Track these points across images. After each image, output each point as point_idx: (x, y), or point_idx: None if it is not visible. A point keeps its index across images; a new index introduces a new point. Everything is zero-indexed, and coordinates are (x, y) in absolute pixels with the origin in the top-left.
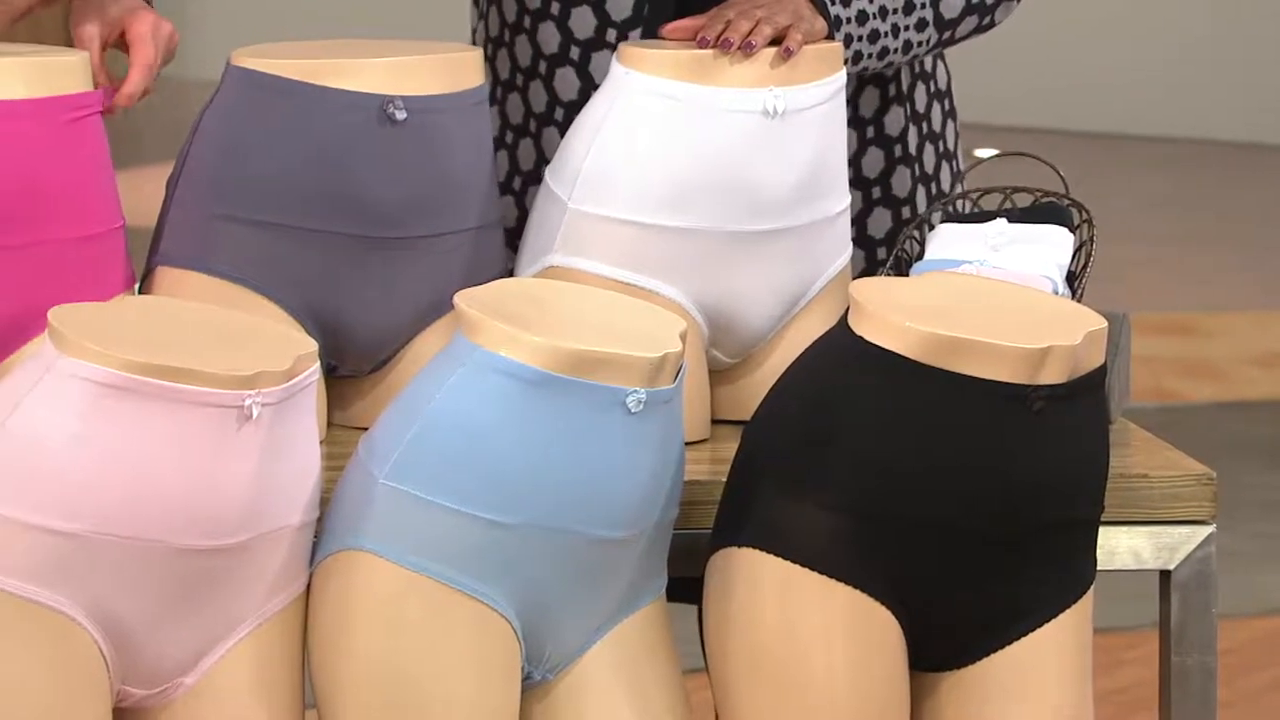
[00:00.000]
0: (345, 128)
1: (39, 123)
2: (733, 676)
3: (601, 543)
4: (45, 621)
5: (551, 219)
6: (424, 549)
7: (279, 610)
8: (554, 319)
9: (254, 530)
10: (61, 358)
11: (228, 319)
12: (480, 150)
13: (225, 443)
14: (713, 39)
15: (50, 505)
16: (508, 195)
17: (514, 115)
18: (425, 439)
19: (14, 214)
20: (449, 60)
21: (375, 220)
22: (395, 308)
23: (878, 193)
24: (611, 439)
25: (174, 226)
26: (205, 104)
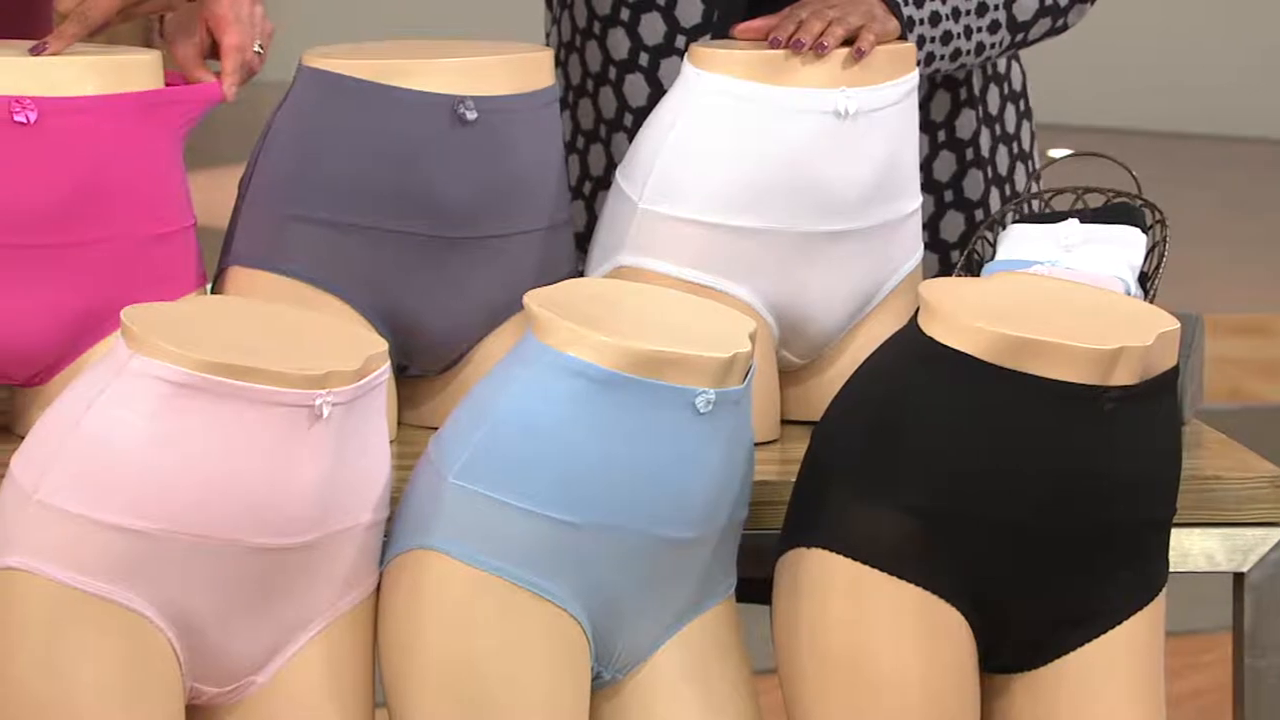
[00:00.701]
0: (416, 128)
1: (110, 120)
2: (803, 677)
3: (670, 543)
4: (119, 619)
5: (622, 219)
6: (494, 549)
7: (350, 609)
8: (623, 319)
9: (324, 529)
10: (134, 357)
11: (299, 318)
12: (551, 150)
13: (296, 442)
14: (784, 39)
15: (123, 504)
16: (578, 200)
17: (585, 120)
18: (495, 439)
19: (85, 211)
20: (520, 60)
21: (446, 220)
22: (465, 307)
23: (950, 196)
24: (680, 439)
25: (246, 226)
26: (277, 104)
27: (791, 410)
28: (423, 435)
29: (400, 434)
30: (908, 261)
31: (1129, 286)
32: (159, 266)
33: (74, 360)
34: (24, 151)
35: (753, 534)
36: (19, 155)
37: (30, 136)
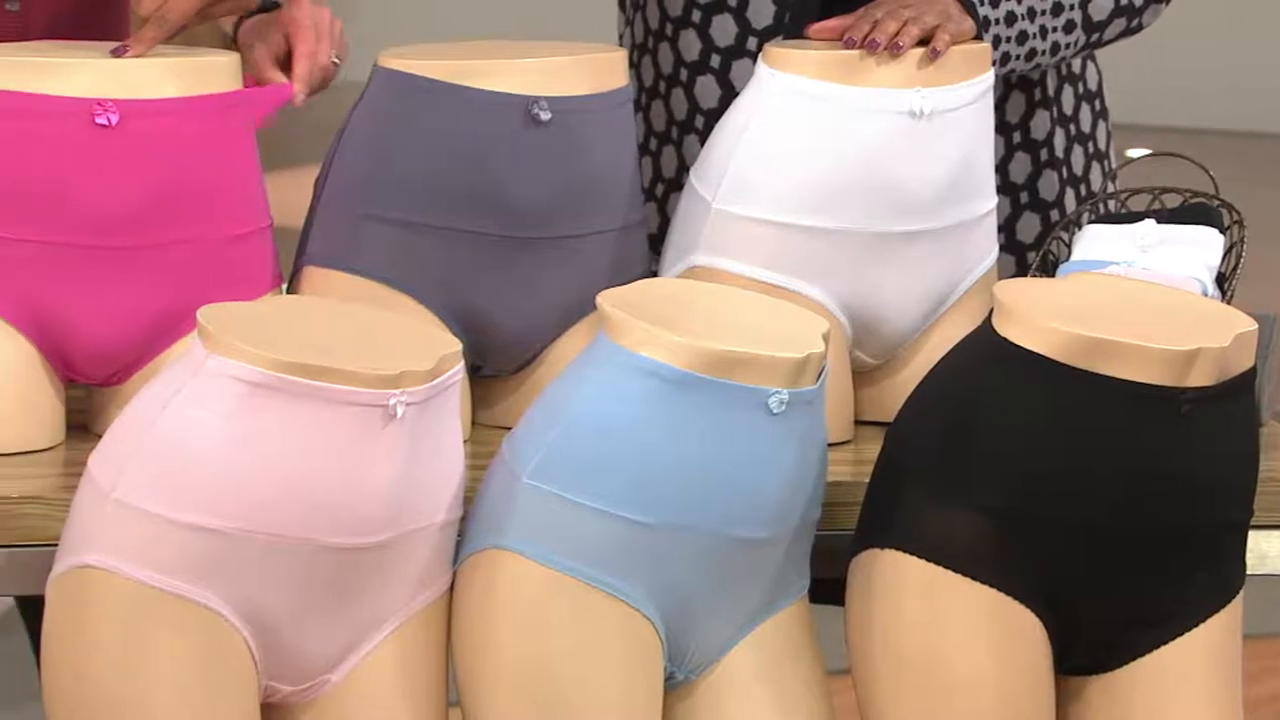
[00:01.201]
0: (490, 128)
1: (189, 121)
2: (876, 679)
3: (743, 543)
4: (195, 617)
5: (695, 219)
6: (567, 548)
7: (423, 608)
8: (697, 319)
9: (398, 528)
10: (211, 356)
11: (373, 318)
12: (624, 150)
13: (370, 441)
14: (859, 39)
15: (199, 503)
16: (650, 201)
17: (657, 122)
18: (568, 439)
19: (164, 212)
20: (594, 61)
21: (520, 220)
22: (539, 307)
23: (1025, 197)
24: (753, 439)
25: (321, 226)
26: (353, 105)
27: (865, 411)
28: (496, 435)
29: (474, 434)
30: (983, 262)
31: (1206, 287)
32: (236, 267)
33: (152, 360)
34: (105, 153)
35: (826, 534)
36: (100, 157)
37: (111, 138)
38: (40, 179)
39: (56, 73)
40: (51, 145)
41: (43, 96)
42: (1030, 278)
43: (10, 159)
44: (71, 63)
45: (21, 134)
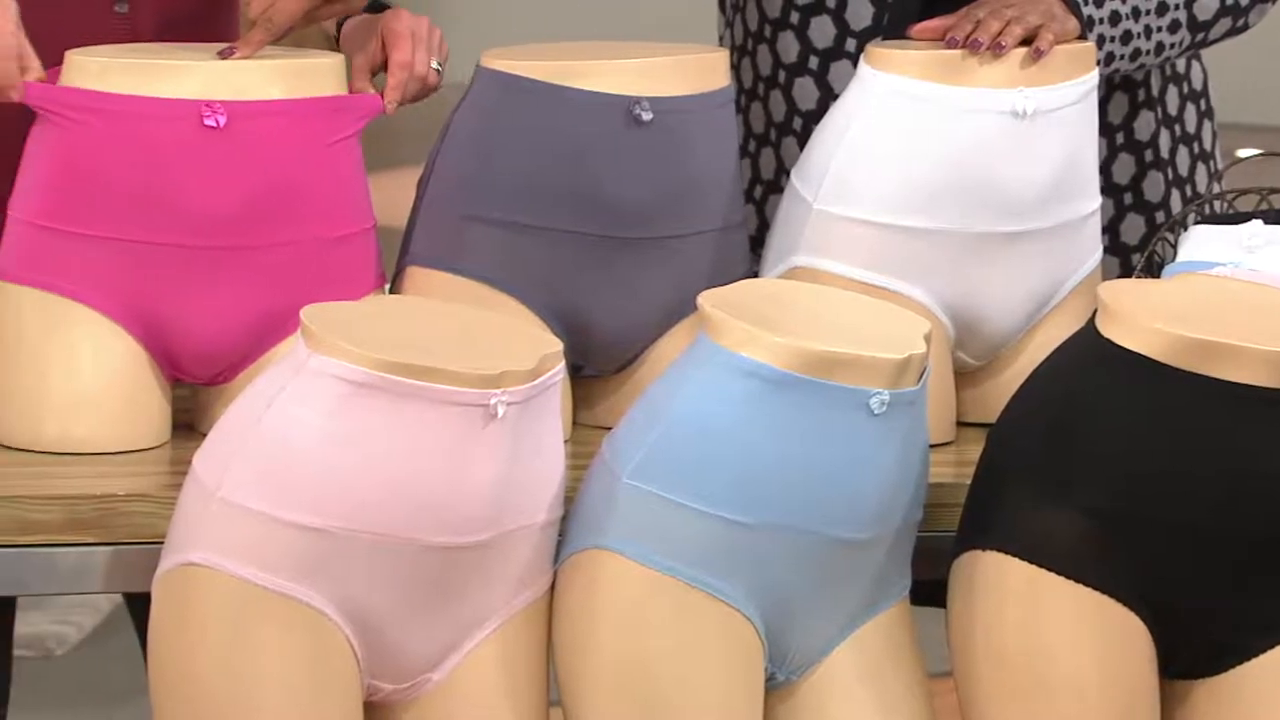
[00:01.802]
0: (592, 128)
1: (294, 123)
2: (978, 681)
3: (844, 544)
4: (300, 616)
5: (796, 219)
6: (668, 549)
7: (524, 607)
8: (798, 319)
9: (499, 528)
10: (313, 356)
11: (475, 318)
12: (725, 151)
13: (471, 441)
14: (962, 39)
15: (302, 502)
16: (749, 203)
17: (755, 124)
18: (668, 439)
19: (270, 213)
20: (695, 61)
21: (621, 221)
22: (640, 308)
23: (1130, 199)
24: (854, 440)
25: (424, 227)
26: (455, 106)
27: (967, 412)
28: (597, 435)
29: (575, 434)
30: (1087, 262)
31: None
32: (339, 267)
33: (256, 360)
34: (213, 155)
35: (928, 535)
36: (208, 158)
37: (219, 140)
38: (149, 180)
39: (165, 75)
40: (161, 147)
41: (152, 99)
42: (1135, 279)
43: (119, 160)
44: (180, 64)
45: (131, 135)
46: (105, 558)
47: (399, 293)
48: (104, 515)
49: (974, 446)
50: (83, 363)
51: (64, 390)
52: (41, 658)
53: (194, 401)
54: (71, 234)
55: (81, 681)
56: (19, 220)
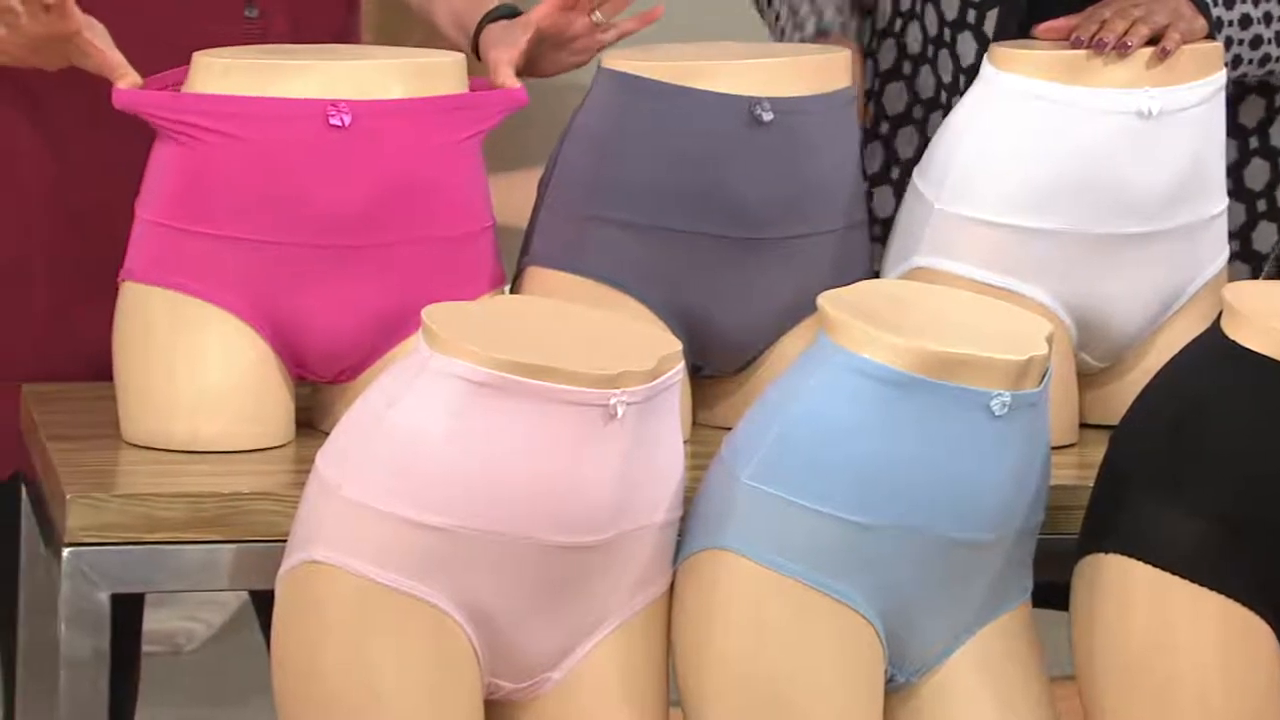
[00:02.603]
0: (713, 129)
1: (417, 122)
2: (1102, 686)
3: (964, 545)
4: (421, 615)
5: (918, 220)
6: (786, 549)
7: (644, 608)
8: (918, 320)
9: (618, 527)
10: (435, 356)
11: (595, 318)
12: (847, 151)
13: (590, 441)
14: (1087, 39)
15: (423, 501)
16: (885, 185)
17: (892, 105)
18: (788, 440)
19: (392, 212)
20: (816, 62)
21: (742, 221)
22: (760, 308)
23: (1263, 205)
24: (975, 442)
25: (545, 227)
26: (577, 107)
27: (1090, 413)
28: (717, 436)
29: (694, 434)
30: (1212, 264)
31: None
32: (459, 266)
33: (379, 359)
34: (338, 154)
35: (1050, 538)
36: (333, 158)
37: (344, 139)
38: (275, 180)
39: (288, 74)
40: (287, 147)
41: (278, 99)
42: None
43: (246, 160)
44: (302, 64)
45: (258, 136)
46: (230, 555)
47: (519, 293)
48: (229, 513)
49: (1097, 449)
50: (211, 362)
51: (192, 390)
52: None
53: (315, 400)
54: (198, 234)
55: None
56: (147, 221)
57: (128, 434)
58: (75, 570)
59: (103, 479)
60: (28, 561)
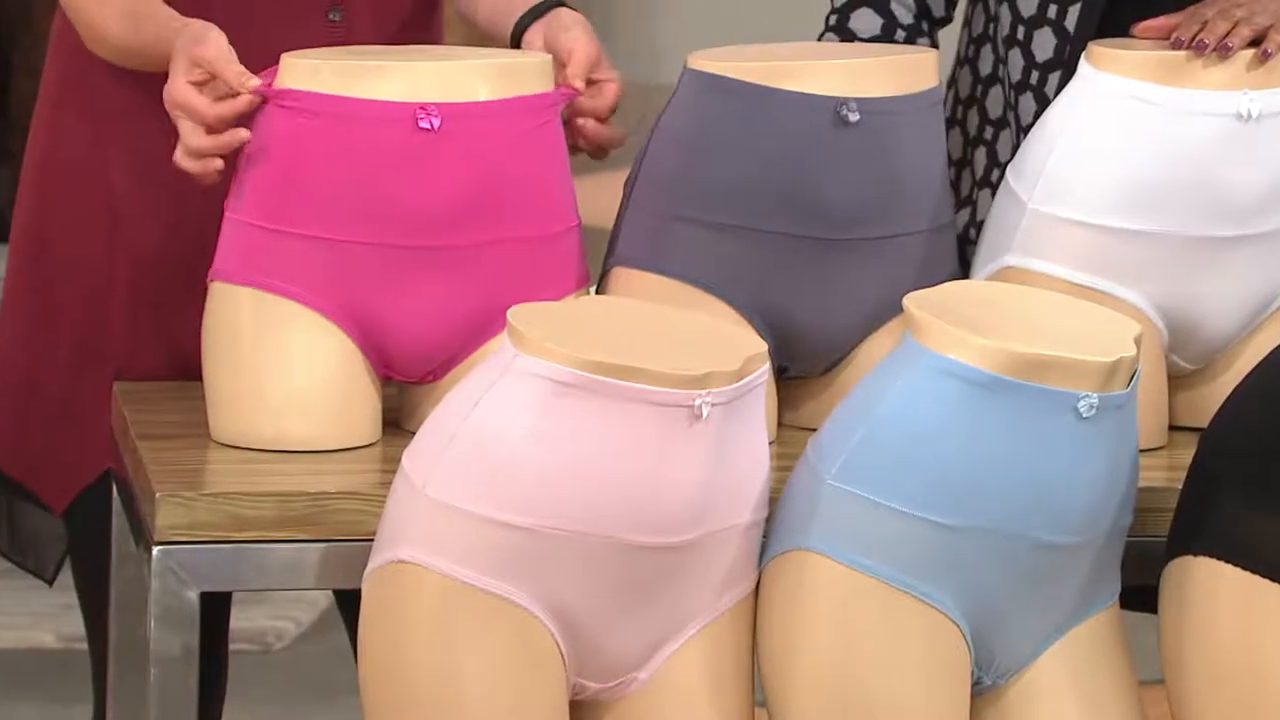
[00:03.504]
0: (799, 129)
1: (505, 123)
2: (1191, 691)
3: (1051, 548)
4: (507, 615)
5: (1010, 219)
6: (872, 551)
7: (729, 608)
8: (1005, 321)
9: (703, 528)
10: (520, 356)
11: (680, 319)
12: (933, 152)
13: (675, 441)
14: (1187, 39)
15: (508, 500)
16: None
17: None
18: (873, 441)
19: (480, 213)
20: (903, 62)
21: (828, 222)
22: (846, 309)
23: None
24: (1062, 443)
25: (630, 228)
26: (662, 107)
27: (1180, 416)
28: (802, 437)
29: (780, 435)
30: None
31: None
32: (545, 266)
33: (465, 359)
34: (426, 156)
35: (1138, 540)
36: (421, 159)
37: (432, 141)
38: (363, 181)
39: (376, 76)
40: (375, 148)
41: (368, 101)
42: None
43: (335, 161)
44: (389, 65)
45: (346, 137)
46: (317, 554)
47: (605, 293)
48: (316, 512)
49: (1186, 451)
50: (298, 362)
51: (280, 389)
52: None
53: (402, 400)
54: (287, 234)
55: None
56: (236, 221)
57: (216, 433)
58: (164, 568)
59: (192, 478)
60: (118, 559)
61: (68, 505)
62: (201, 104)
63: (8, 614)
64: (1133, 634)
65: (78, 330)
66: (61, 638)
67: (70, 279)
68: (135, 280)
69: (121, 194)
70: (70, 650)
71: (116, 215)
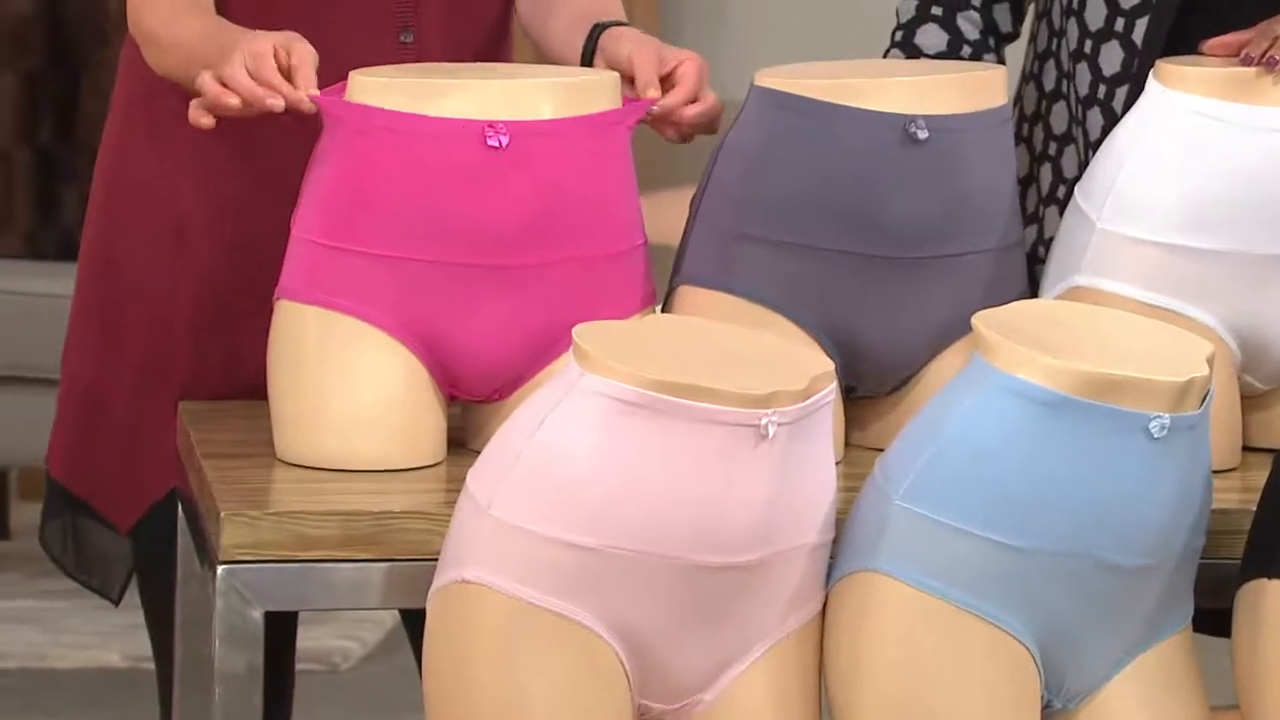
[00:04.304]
0: (867, 147)
1: (573, 141)
2: (1264, 716)
3: (1120, 570)
4: (573, 635)
5: (1079, 238)
6: (940, 572)
7: (796, 630)
8: (1074, 341)
9: (769, 549)
10: (585, 375)
11: (746, 338)
12: (1002, 170)
13: (741, 461)
14: (1257, 56)
15: (573, 520)
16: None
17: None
18: (941, 461)
19: (547, 232)
20: (971, 79)
21: (896, 240)
22: (914, 328)
23: None
24: (1133, 465)
25: (697, 246)
26: (729, 124)
27: (1254, 436)
28: (870, 457)
29: (847, 455)
30: None
31: None
32: (611, 285)
33: (531, 378)
34: (494, 174)
35: (1211, 563)
36: (489, 178)
37: (500, 159)
38: (431, 199)
39: (444, 93)
40: (443, 166)
41: (436, 119)
42: None
43: (402, 179)
44: (458, 83)
45: (415, 154)
46: (382, 574)
47: (671, 312)
48: (381, 532)
49: (1260, 472)
50: (364, 380)
51: (345, 407)
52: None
53: (466, 419)
54: (353, 252)
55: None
56: (302, 239)
57: (281, 452)
58: (229, 587)
59: (256, 497)
60: (183, 578)
61: (133, 524)
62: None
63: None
64: (1206, 658)
65: (143, 349)
66: (128, 657)
67: (136, 299)
68: (200, 300)
69: (187, 214)
70: (137, 670)
71: (182, 235)
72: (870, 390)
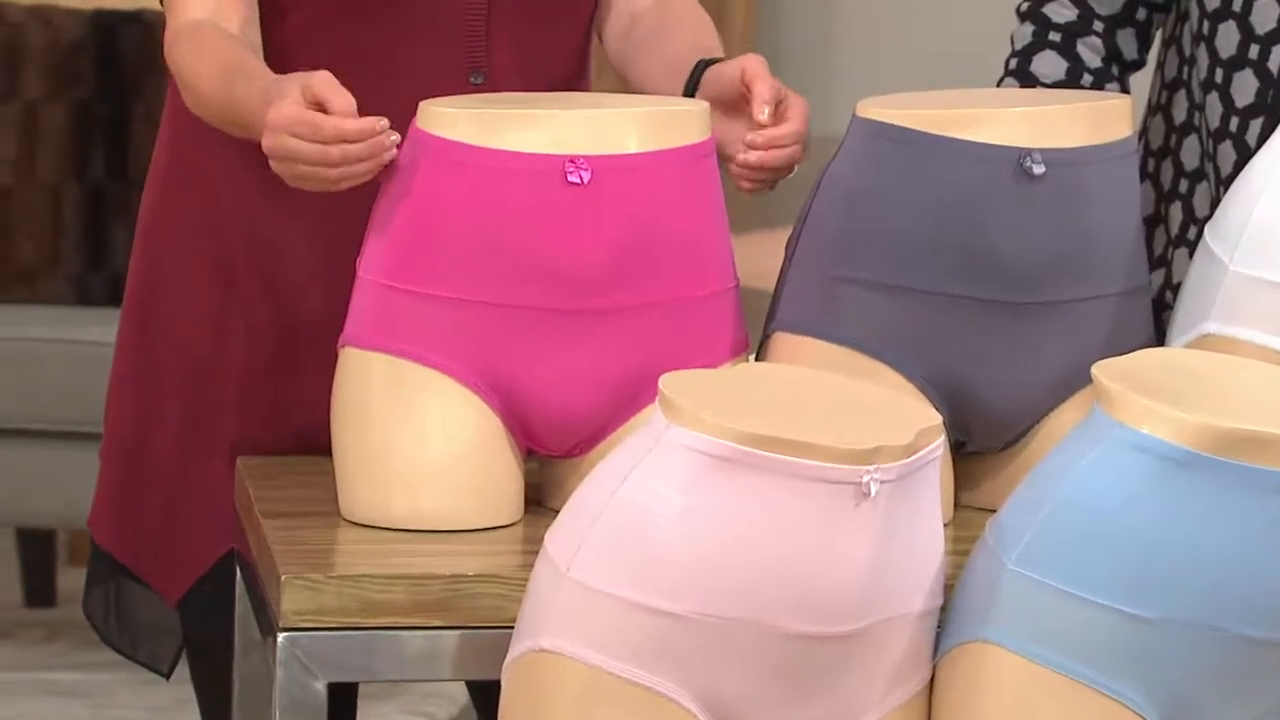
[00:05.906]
0: (977, 182)
1: (659, 176)
2: None
3: (1256, 643)
4: (656, 708)
5: (1209, 282)
6: (1057, 643)
7: (900, 704)
8: (1205, 393)
9: (871, 617)
10: (671, 427)
11: (846, 388)
12: (1126, 207)
13: (840, 521)
14: None
15: (657, 584)
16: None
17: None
18: (1058, 522)
19: (632, 273)
20: (1093, 109)
21: (1009, 283)
22: (1029, 379)
23: None
24: (1269, 527)
25: (793, 289)
26: (830, 159)
27: None
28: (981, 517)
29: (957, 516)
30: None
31: None
32: (700, 330)
33: (614, 431)
34: (575, 211)
35: None
36: (570, 215)
37: (582, 195)
38: (507, 238)
39: (524, 126)
40: (520, 203)
41: (512, 153)
42: None
43: (476, 217)
44: (533, 114)
45: (489, 191)
46: (453, 642)
47: (765, 360)
48: (453, 597)
49: None
50: (434, 433)
51: (414, 463)
52: None
53: (544, 476)
54: (423, 295)
55: None
56: (369, 281)
57: (346, 510)
58: (290, 656)
59: (319, 559)
60: (242, 647)
61: (181, 596)
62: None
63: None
64: None
65: (187, 402)
66: None
67: (180, 350)
68: (248, 350)
69: (232, 262)
70: None
71: (228, 285)
72: (981, 446)
